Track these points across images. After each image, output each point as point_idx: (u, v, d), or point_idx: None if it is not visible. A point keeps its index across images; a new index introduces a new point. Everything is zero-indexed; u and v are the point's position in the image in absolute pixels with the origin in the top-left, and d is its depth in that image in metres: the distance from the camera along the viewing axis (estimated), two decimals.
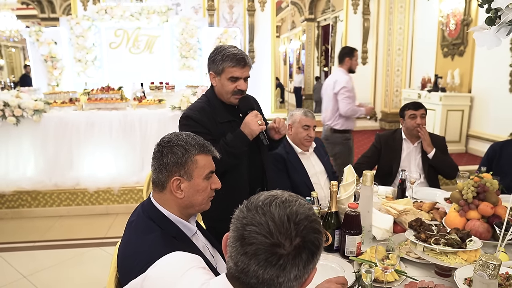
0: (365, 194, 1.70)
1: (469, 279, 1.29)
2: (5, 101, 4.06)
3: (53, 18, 10.69)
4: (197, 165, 1.25)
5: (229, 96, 1.87)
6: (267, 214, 0.75)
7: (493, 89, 5.63)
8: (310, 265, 0.77)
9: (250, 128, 1.80)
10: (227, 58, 1.80)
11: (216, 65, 1.84)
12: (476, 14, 5.90)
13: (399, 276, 1.42)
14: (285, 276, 0.74)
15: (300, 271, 0.75)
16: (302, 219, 0.76)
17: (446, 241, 1.45)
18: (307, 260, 0.75)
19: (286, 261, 0.73)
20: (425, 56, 7.32)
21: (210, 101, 1.91)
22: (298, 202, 0.79)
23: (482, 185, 1.74)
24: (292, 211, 0.76)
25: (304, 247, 0.75)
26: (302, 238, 0.74)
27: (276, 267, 0.73)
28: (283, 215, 0.75)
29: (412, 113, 2.80)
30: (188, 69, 5.98)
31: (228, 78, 1.83)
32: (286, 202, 0.78)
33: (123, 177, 4.25)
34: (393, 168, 2.79)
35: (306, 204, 0.80)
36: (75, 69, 5.84)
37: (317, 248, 0.77)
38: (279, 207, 0.76)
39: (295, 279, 0.75)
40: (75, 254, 3.26)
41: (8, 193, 4.07)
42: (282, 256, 0.73)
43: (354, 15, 8.41)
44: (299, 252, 0.74)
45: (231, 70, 1.82)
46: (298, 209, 0.77)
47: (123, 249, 1.21)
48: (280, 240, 0.73)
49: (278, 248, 0.73)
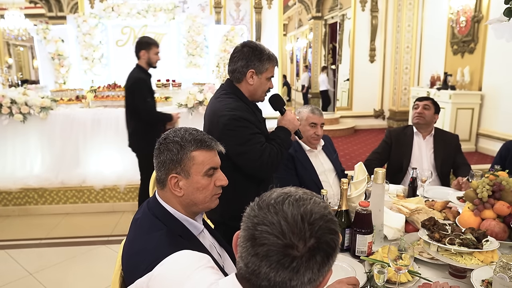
0: (377, 192, 1.65)
1: (487, 281, 1.24)
2: (12, 98, 4.07)
3: (61, 17, 10.75)
4: (194, 161, 1.19)
5: (263, 94, 1.92)
6: (280, 213, 0.71)
7: (504, 87, 5.53)
8: (325, 267, 0.72)
9: (293, 124, 1.90)
10: (272, 57, 1.87)
11: (262, 64, 1.84)
12: (487, 11, 5.79)
13: (412, 277, 1.37)
14: (299, 279, 0.69)
15: (314, 274, 0.70)
16: (317, 219, 0.71)
17: (462, 241, 1.39)
18: (322, 263, 0.70)
19: (300, 264, 0.69)
20: (434, 54, 7.23)
21: (243, 100, 1.89)
22: (312, 200, 0.74)
23: (498, 183, 1.68)
24: (306, 210, 0.71)
25: (319, 248, 0.70)
26: (317, 239, 0.70)
27: (289, 270, 0.69)
28: (296, 214, 0.70)
29: (416, 104, 2.82)
30: (195, 66, 5.96)
31: (268, 77, 1.89)
32: (300, 200, 0.73)
33: (129, 175, 4.24)
34: (404, 164, 2.74)
35: (321, 202, 0.75)
36: (82, 66, 5.85)
37: (333, 249, 0.72)
38: (292, 206, 0.71)
39: (309, 282, 0.71)
40: (81, 252, 3.25)
41: (15, 190, 4.08)
42: (296, 258, 0.69)
43: (362, 13, 8.34)
44: (314, 254, 0.69)
45: (272, 69, 1.89)
46: (313, 208, 0.72)
47: (128, 247, 1.18)
48: (293, 241, 0.69)
49: (291, 250, 0.69)
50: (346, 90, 8.95)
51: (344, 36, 9.53)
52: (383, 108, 8.67)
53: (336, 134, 7.60)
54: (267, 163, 1.78)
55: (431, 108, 2.78)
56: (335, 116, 8.35)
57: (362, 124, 8.44)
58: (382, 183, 1.64)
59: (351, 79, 8.63)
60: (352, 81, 8.61)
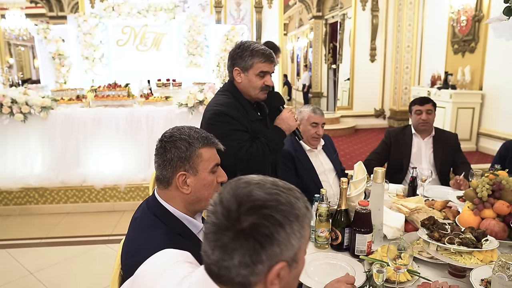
0: (376, 192, 1.65)
1: (486, 280, 1.24)
2: (13, 98, 4.07)
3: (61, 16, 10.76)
4: (202, 158, 1.21)
5: (257, 92, 1.86)
6: (221, 194, 0.74)
7: (505, 86, 5.53)
8: (260, 256, 0.68)
9: (288, 124, 1.83)
10: (257, 53, 1.81)
11: (244, 61, 1.83)
12: (488, 10, 5.78)
13: (411, 276, 1.37)
14: (229, 260, 0.69)
15: (246, 259, 0.68)
16: (255, 205, 0.70)
17: (461, 241, 1.39)
18: (253, 250, 0.68)
19: (227, 244, 0.69)
20: (435, 53, 7.22)
21: (237, 98, 1.89)
22: (260, 185, 0.73)
23: (498, 183, 1.68)
24: (245, 193, 0.71)
25: (248, 233, 0.68)
26: (248, 223, 0.68)
27: (219, 249, 0.70)
28: (232, 196, 0.71)
29: (417, 108, 2.77)
30: (195, 66, 5.95)
31: (256, 74, 1.83)
32: (246, 183, 0.73)
33: (129, 174, 4.24)
34: (404, 164, 2.74)
35: (273, 188, 0.73)
36: (82, 66, 5.85)
37: (266, 238, 0.68)
38: (232, 188, 0.73)
39: (241, 266, 0.69)
40: (81, 251, 3.25)
41: (16, 190, 4.09)
42: (224, 237, 0.69)
43: (362, 12, 8.33)
44: (240, 237, 0.69)
45: (260, 65, 1.82)
46: (255, 192, 0.71)
47: (127, 246, 1.19)
48: (224, 222, 0.70)
49: (222, 230, 0.70)
50: (347, 90, 8.94)
51: (345, 36, 9.52)
52: (383, 108, 8.66)
53: (337, 133, 7.60)
54: (243, 160, 1.77)
55: (433, 111, 2.77)
56: (336, 116, 8.34)
57: (362, 123, 8.44)
58: (381, 183, 1.64)
59: (351, 78, 8.62)
60: (352, 80, 8.60)
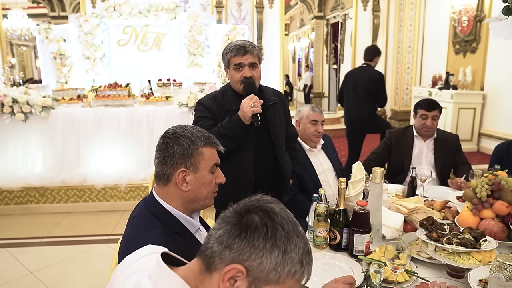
0: (375, 192, 1.65)
1: (484, 281, 1.23)
2: (14, 97, 4.08)
3: (63, 16, 10.79)
4: (203, 157, 1.22)
5: (239, 85, 1.97)
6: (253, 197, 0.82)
7: (506, 86, 5.51)
8: (233, 242, 0.74)
9: (242, 111, 1.88)
10: (229, 49, 1.95)
11: (224, 59, 1.99)
12: (489, 10, 5.77)
13: (409, 276, 1.37)
14: (216, 230, 0.77)
15: (225, 235, 0.75)
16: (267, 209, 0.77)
17: (459, 241, 1.39)
18: (234, 234, 0.74)
19: (225, 217, 0.77)
20: (436, 53, 7.20)
21: (225, 91, 2.05)
22: (284, 210, 0.79)
23: (497, 183, 1.67)
24: (267, 203, 0.79)
25: (242, 221, 0.75)
26: (250, 216, 0.75)
27: (220, 219, 0.78)
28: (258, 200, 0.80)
29: (423, 113, 2.71)
30: (196, 66, 5.95)
31: (234, 68, 1.95)
32: (277, 203, 0.80)
33: (130, 174, 4.25)
34: (405, 165, 2.72)
35: (287, 218, 0.78)
36: (83, 66, 5.86)
37: (248, 233, 0.73)
38: (263, 198, 0.81)
39: (218, 240, 0.75)
40: (82, 251, 3.26)
41: (17, 189, 4.10)
42: (227, 213, 0.78)
43: (363, 12, 8.31)
44: (235, 219, 0.76)
45: (233, 59, 1.94)
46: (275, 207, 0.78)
47: (125, 245, 1.19)
48: (238, 206, 0.78)
49: (232, 209, 0.79)
50: None
51: (346, 36, 9.52)
52: (384, 108, 8.64)
53: (338, 134, 7.58)
54: None
55: (439, 117, 2.74)
56: (337, 116, 8.33)
57: None
58: (380, 182, 1.64)
59: None
60: None
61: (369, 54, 4.71)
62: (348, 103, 4.75)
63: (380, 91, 4.57)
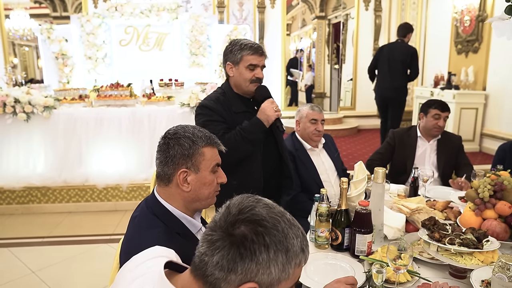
0: (377, 192, 1.64)
1: (487, 281, 1.23)
2: (16, 97, 4.09)
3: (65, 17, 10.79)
4: (204, 157, 1.21)
5: (248, 84, 1.91)
6: (232, 200, 0.80)
7: (508, 86, 5.49)
8: (236, 266, 0.71)
9: (266, 114, 1.85)
10: (245, 47, 1.88)
11: (234, 55, 1.90)
12: (491, 10, 5.75)
13: (411, 277, 1.36)
14: (210, 257, 0.73)
15: (223, 262, 0.71)
16: (254, 217, 0.74)
17: (462, 241, 1.38)
18: (232, 256, 0.71)
19: (214, 241, 0.74)
20: (438, 53, 7.19)
21: (225, 92, 1.98)
22: (271, 210, 0.76)
23: (500, 183, 1.66)
24: (250, 205, 0.76)
25: (230, 240, 0.72)
26: (241, 232, 0.72)
27: (207, 243, 0.75)
28: (239, 203, 0.77)
29: (437, 113, 2.70)
30: (198, 66, 5.96)
31: (246, 67, 1.89)
32: (258, 200, 0.78)
33: (131, 174, 4.25)
34: (407, 166, 2.71)
35: (280, 217, 0.75)
36: (85, 66, 5.87)
37: (246, 250, 0.71)
38: (243, 198, 0.79)
39: (217, 267, 0.72)
40: (83, 250, 3.26)
41: (19, 189, 4.10)
42: (215, 235, 0.74)
43: (365, 12, 8.30)
44: (227, 240, 0.72)
45: (249, 58, 1.88)
46: (261, 210, 0.75)
47: (126, 245, 1.19)
48: (222, 222, 0.75)
49: (217, 228, 0.75)
50: (350, 90, 8.92)
51: (348, 36, 9.49)
52: None
53: (339, 134, 7.58)
54: None
55: (448, 117, 2.75)
56: (338, 116, 8.32)
57: (365, 124, 8.40)
58: (382, 183, 1.64)
59: (354, 79, 8.60)
60: (355, 81, 8.58)
61: (402, 31, 5.15)
62: (381, 74, 5.21)
63: (414, 65, 5.06)
